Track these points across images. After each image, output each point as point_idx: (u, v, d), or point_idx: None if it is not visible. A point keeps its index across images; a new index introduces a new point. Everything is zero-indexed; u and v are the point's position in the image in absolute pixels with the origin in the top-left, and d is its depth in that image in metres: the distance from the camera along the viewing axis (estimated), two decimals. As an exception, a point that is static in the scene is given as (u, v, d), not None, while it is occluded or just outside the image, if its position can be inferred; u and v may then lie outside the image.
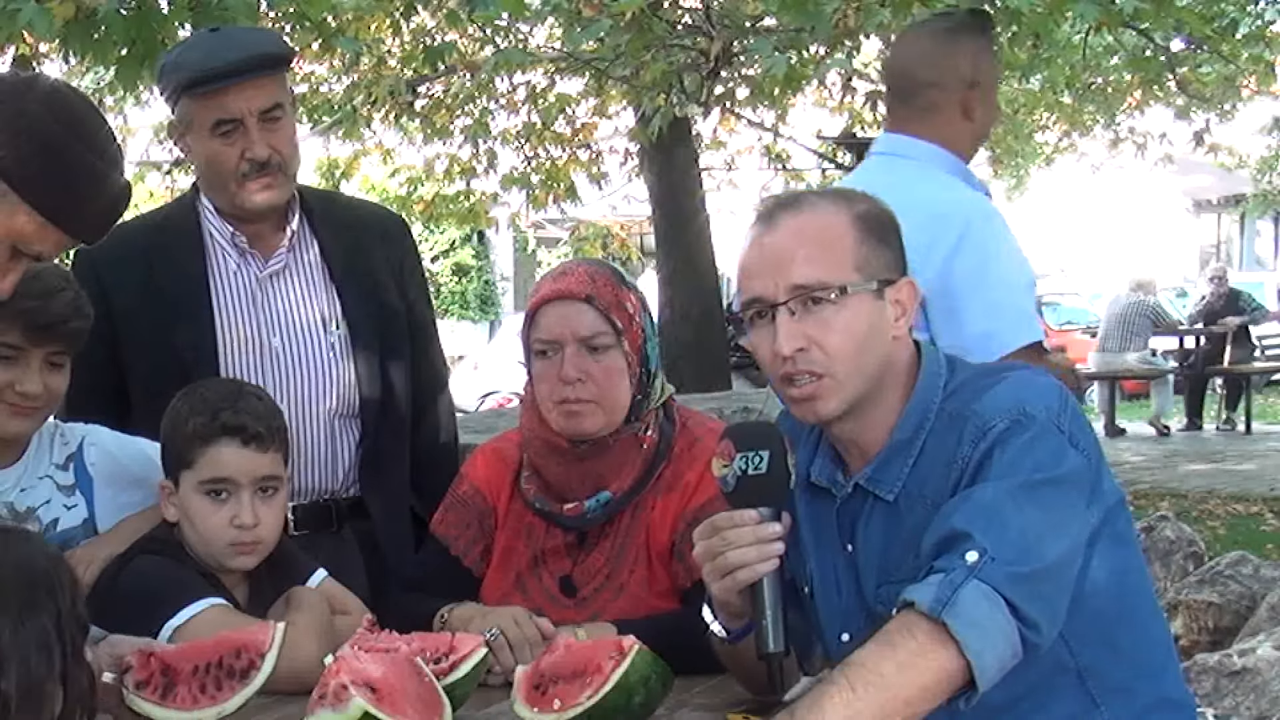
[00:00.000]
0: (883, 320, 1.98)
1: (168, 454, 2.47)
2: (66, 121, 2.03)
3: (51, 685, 1.47)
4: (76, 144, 2.02)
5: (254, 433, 2.42)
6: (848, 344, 1.95)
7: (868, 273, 1.97)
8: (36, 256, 2.09)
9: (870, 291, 1.96)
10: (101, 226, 2.12)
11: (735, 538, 1.99)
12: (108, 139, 2.10)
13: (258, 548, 2.43)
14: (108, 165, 2.07)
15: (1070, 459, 1.90)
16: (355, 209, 3.12)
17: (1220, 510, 9.43)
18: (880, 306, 1.98)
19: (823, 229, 1.98)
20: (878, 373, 1.98)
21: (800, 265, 1.95)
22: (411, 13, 8.24)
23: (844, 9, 6.39)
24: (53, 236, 2.06)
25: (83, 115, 2.08)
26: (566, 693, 2.02)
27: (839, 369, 1.95)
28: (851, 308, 1.95)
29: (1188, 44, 9.05)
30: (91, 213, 2.08)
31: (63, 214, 2.04)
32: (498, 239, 24.59)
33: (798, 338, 1.95)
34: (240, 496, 2.40)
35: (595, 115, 11.69)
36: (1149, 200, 26.59)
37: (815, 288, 1.94)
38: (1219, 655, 4.83)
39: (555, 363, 2.45)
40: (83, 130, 2.05)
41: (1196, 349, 15.13)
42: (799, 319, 1.95)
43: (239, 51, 2.73)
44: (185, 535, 2.43)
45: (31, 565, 1.50)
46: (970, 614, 1.76)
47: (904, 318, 2.00)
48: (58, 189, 2.01)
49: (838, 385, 1.96)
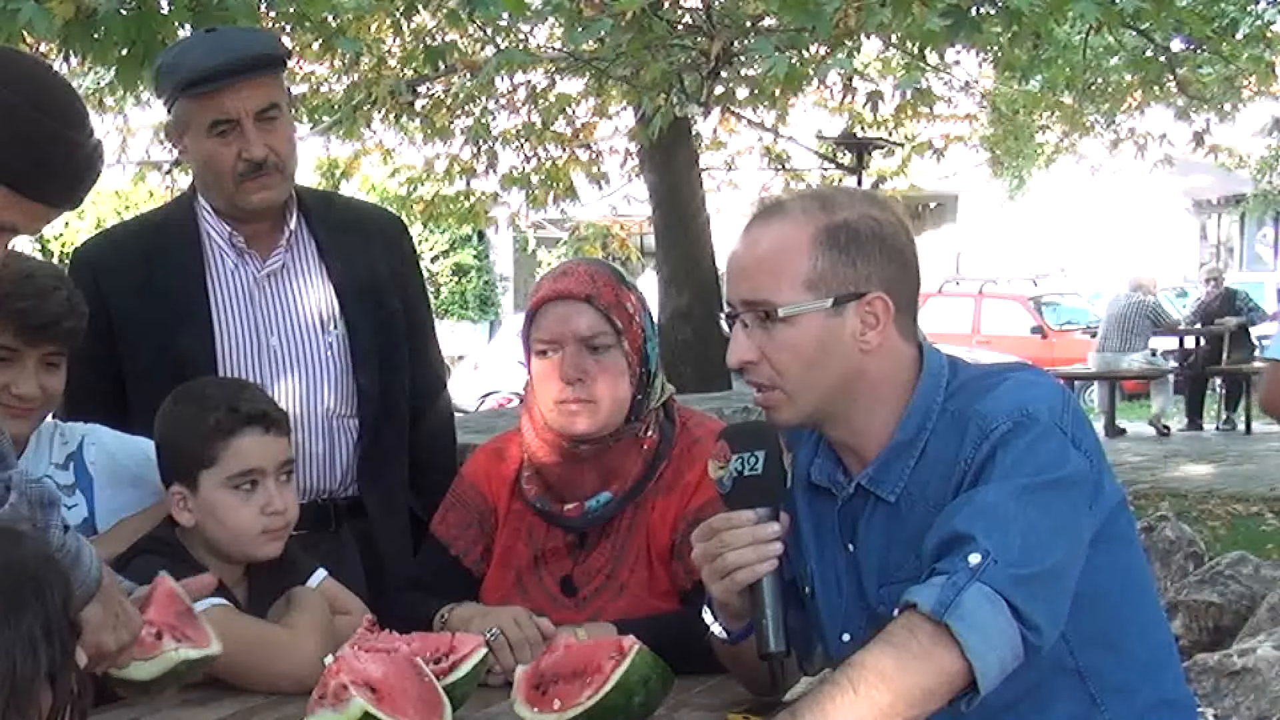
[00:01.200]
0: (841, 336, 1.97)
1: (177, 458, 2.45)
2: (28, 91, 1.91)
3: (39, 686, 1.47)
4: (38, 114, 1.90)
5: (274, 418, 2.45)
6: (795, 361, 1.96)
7: (823, 289, 1.96)
8: (13, 229, 1.97)
9: (822, 310, 1.96)
10: (74, 193, 1.98)
11: (733, 539, 1.99)
12: (72, 105, 1.98)
13: (285, 532, 2.45)
14: (72, 130, 1.93)
15: (1073, 460, 1.90)
16: (353, 209, 3.12)
17: (1220, 510, 9.44)
18: (837, 323, 1.96)
19: (778, 245, 1.98)
20: (840, 386, 1.98)
21: (749, 280, 1.99)
22: (412, 13, 8.23)
23: (844, 9, 6.39)
24: (26, 208, 1.94)
25: (46, 83, 1.97)
26: (566, 693, 2.02)
27: (787, 385, 1.98)
28: (799, 326, 1.96)
29: (1188, 44, 9.06)
30: (61, 180, 1.96)
31: (31, 184, 1.92)
32: (498, 239, 24.57)
33: (748, 350, 1.98)
34: (267, 484, 2.41)
35: (595, 115, 11.68)
36: (1149, 200, 26.58)
37: (760, 305, 1.97)
38: (1219, 655, 4.83)
39: (555, 362, 2.45)
40: (46, 98, 1.93)
41: (1196, 349, 15.14)
42: (750, 332, 1.98)
43: (235, 52, 2.73)
44: (208, 534, 2.43)
45: (20, 566, 1.50)
46: (973, 616, 1.76)
47: (878, 329, 1.98)
48: (22, 159, 1.89)
49: (787, 398, 1.98)
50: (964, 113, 14.69)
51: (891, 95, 9.86)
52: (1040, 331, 19.31)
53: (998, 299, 20.29)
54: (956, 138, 14.70)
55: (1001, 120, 14.70)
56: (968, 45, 8.38)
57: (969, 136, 15.20)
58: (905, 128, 13.86)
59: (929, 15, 6.03)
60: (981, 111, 14.73)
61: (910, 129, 14.16)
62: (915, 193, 16.99)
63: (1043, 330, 19.37)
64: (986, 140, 15.54)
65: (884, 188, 14.52)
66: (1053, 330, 19.56)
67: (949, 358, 2.07)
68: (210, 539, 2.43)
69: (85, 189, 2.01)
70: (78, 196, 1.99)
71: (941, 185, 20.29)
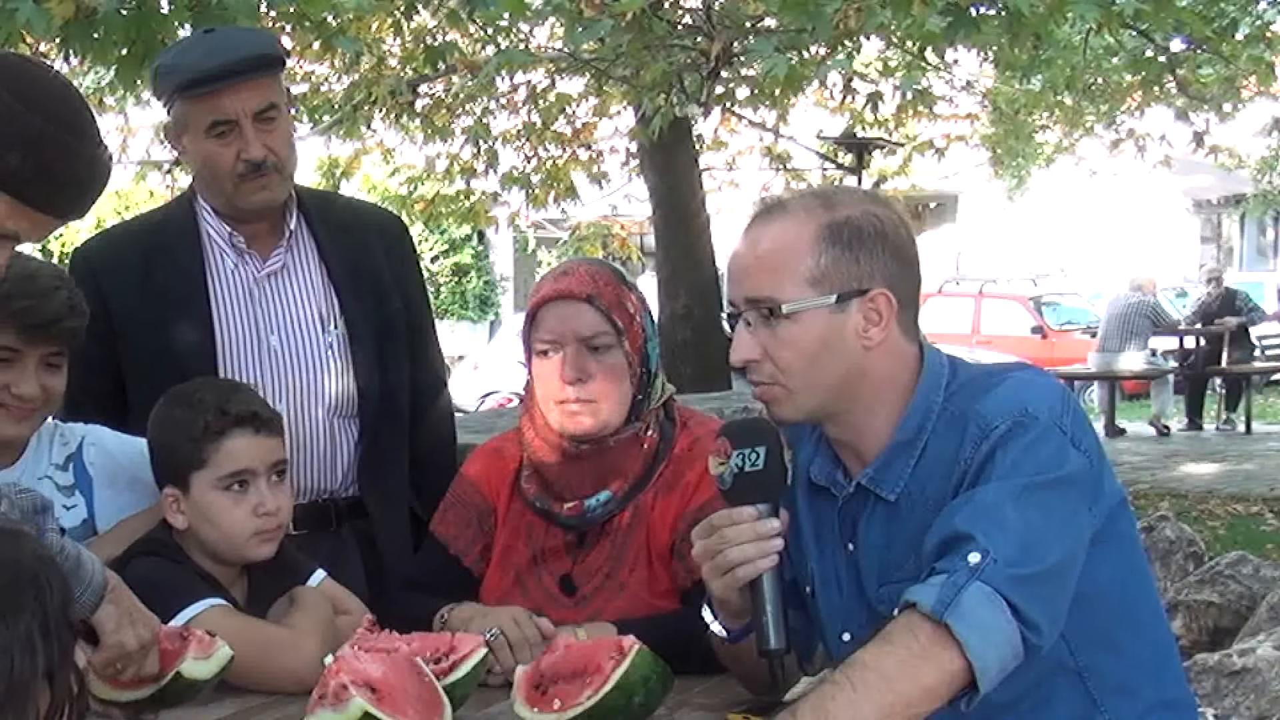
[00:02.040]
0: (844, 332, 1.97)
1: (169, 460, 2.45)
2: (33, 99, 1.90)
3: (37, 686, 1.47)
4: (43, 122, 1.90)
5: (265, 418, 2.44)
6: (798, 358, 1.97)
7: (826, 286, 1.96)
8: (16, 238, 1.97)
9: (826, 307, 1.96)
10: (78, 203, 1.98)
11: (734, 535, 1.99)
12: (78, 113, 1.97)
13: (279, 533, 2.44)
14: (78, 139, 1.93)
15: (1073, 460, 1.90)
16: (353, 209, 3.12)
17: (1220, 510, 9.44)
18: (840, 320, 1.97)
19: (781, 243, 1.98)
20: (842, 383, 1.98)
21: (752, 278, 1.99)
22: (412, 13, 8.23)
23: (844, 9, 6.38)
24: (29, 217, 1.93)
25: (53, 92, 1.95)
26: (566, 693, 2.02)
27: (790, 381, 1.98)
28: (803, 323, 1.96)
29: (1188, 44, 9.06)
30: (65, 190, 1.95)
31: (34, 194, 1.91)
32: (498, 239, 24.58)
33: (751, 348, 1.99)
34: (259, 485, 2.41)
35: (595, 115, 11.68)
36: (1149, 200, 26.59)
37: (763, 302, 1.97)
38: (1219, 655, 4.84)
39: (556, 362, 2.45)
40: (51, 107, 1.92)
41: (1196, 349, 15.14)
42: (753, 330, 1.99)
43: (233, 53, 2.73)
44: (202, 536, 2.42)
45: (18, 566, 1.50)
46: (972, 616, 1.76)
47: (881, 325, 1.98)
48: (25, 169, 1.88)
49: (789, 395, 1.99)
50: (964, 112, 14.69)
51: (892, 95, 9.86)
52: (1040, 331, 19.31)
53: (998, 299, 20.29)
54: (957, 137, 14.71)
55: (1002, 120, 14.70)
56: (968, 45, 8.38)
57: (969, 136, 15.21)
58: (905, 128, 13.87)
59: (929, 15, 6.03)
60: (982, 111, 14.74)
61: (910, 129, 14.18)
62: (915, 192, 17.01)
63: (1043, 330, 19.38)
64: (987, 140, 15.54)
65: (884, 188, 14.54)
66: (1053, 330, 19.56)
67: (949, 357, 2.07)
68: (203, 541, 2.42)
69: (92, 199, 2.00)
70: (84, 207, 1.99)
71: (942, 185, 20.32)
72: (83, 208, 1.99)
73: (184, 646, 2.14)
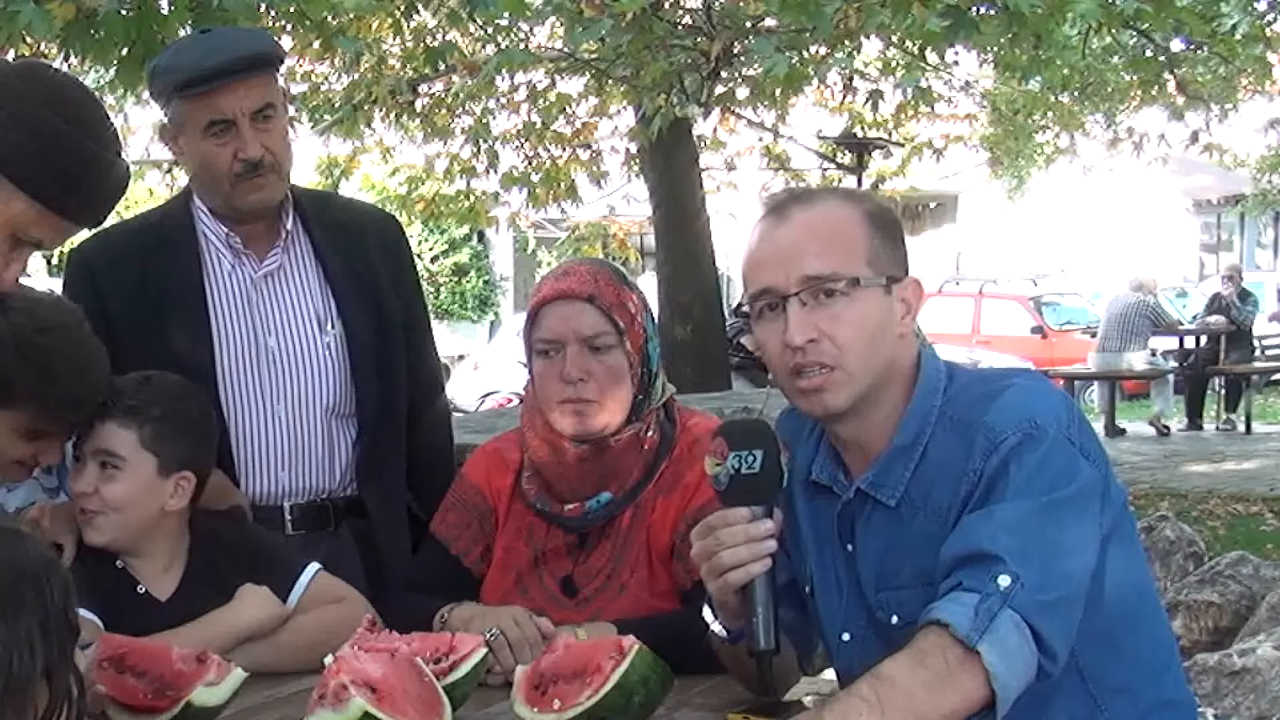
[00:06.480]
0: (890, 317, 1.98)
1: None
2: (61, 107, 1.99)
3: (37, 685, 1.47)
4: (71, 130, 1.98)
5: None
6: (858, 337, 1.94)
7: (878, 268, 1.97)
8: (38, 244, 2.04)
9: (880, 286, 1.96)
10: (100, 211, 2.07)
11: (728, 537, 1.99)
12: (103, 123, 2.06)
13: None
14: (103, 149, 2.02)
15: (1084, 472, 1.90)
16: (349, 209, 3.11)
17: (1220, 510, 9.44)
18: (889, 303, 1.97)
19: (835, 222, 1.98)
20: (884, 369, 1.98)
21: (812, 257, 1.95)
22: (412, 12, 8.23)
23: (845, 9, 6.39)
24: (52, 223, 2.01)
25: (78, 100, 2.04)
26: (566, 693, 2.02)
27: (849, 362, 1.95)
28: (863, 301, 1.95)
29: (1187, 45, 9.06)
30: (89, 197, 2.03)
31: (60, 200, 1.99)
32: (498, 239, 24.58)
33: (809, 329, 1.94)
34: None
35: (595, 115, 11.70)
36: (1149, 200, 26.60)
37: (827, 279, 1.94)
38: (1219, 655, 4.84)
39: (557, 362, 2.45)
40: (78, 115, 2.01)
41: (1196, 349, 15.14)
42: (810, 310, 1.94)
43: (230, 52, 2.72)
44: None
45: (19, 564, 1.50)
46: (1003, 644, 1.77)
47: (909, 316, 2.00)
48: (54, 175, 1.97)
49: (847, 378, 1.95)
50: (964, 112, 14.70)
51: (891, 95, 9.87)
52: (1040, 331, 19.31)
53: (998, 299, 20.28)
54: (956, 138, 14.72)
55: (1001, 120, 14.71)
56: (968, 45, 8.38)
57: (969, 136, 15.22)
58: (905, 128, 13.88)
59: (929, 15, 6.03)
60: (981, 111, 14.75)
61: (910, 129, 14.18)
62: (915, 193, 17.01)
63: (1043, 330, 19.37)
64: (986, 140, 15.56)
65: (884, 188, 14.55)
66: (1053, 330, 19.56)
67: (946, 362, 2.07)
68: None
69: (110, 207, 2.07)
70: (103, 214, 2.06)
71: (941, 185, 20.31)
72: (101, 215, 2.07)
73: (201, 670, 2.09)
